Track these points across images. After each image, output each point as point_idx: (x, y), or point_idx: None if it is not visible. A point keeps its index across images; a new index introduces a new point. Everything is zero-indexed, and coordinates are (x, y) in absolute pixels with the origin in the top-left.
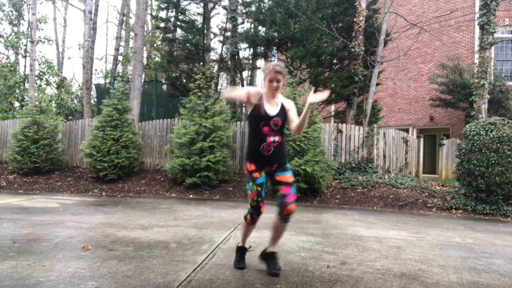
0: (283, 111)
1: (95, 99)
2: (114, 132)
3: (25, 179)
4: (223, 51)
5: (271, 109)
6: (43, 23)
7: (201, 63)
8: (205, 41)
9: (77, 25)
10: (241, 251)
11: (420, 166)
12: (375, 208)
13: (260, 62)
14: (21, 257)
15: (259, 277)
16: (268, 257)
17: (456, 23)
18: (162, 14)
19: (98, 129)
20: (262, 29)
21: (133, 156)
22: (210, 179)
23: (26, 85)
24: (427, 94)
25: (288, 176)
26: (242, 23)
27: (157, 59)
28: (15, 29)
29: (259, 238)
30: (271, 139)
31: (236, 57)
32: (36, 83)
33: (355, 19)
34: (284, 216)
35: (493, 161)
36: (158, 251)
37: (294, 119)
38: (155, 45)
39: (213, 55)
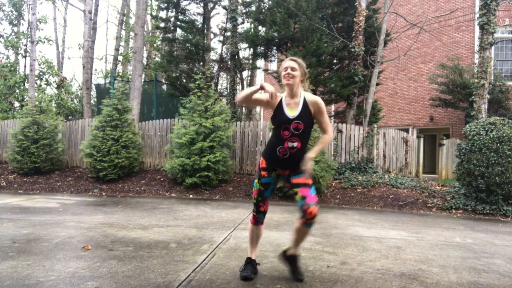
0: (306, 111)
1: (95, 99)
2: (114, 132)
3: (25, 179)
4: (223, 51)
5: (291, 112)
6: (43, 23)
7: (201, 63)
8: (205, 41)
9: (77, 25)
10: (247, 260)
11: (420, 166)
12: (375, 208)
13: (260, 62)
14: (21, 257)
15: (259, 277)
16: (289, 259)
17: (456, 23)
18: (162, 14)
19: (98, 129)
20: (262, 29)
21: (133, 156)
22: (210, 179)
23: (26, 85)
24: (427, 94)
25: (303, 178)
26: (242, 23)
27: (157, 59)
28: (15, 29)
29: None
30: (290, 144)
31: (236, 57)
32: (36, 83)
33: (355, 19)
34: (307, 221)
35: (493, 161)
36: (158, 251)
37: (322, 127)
38: (155, 45)
39: (213, 55)
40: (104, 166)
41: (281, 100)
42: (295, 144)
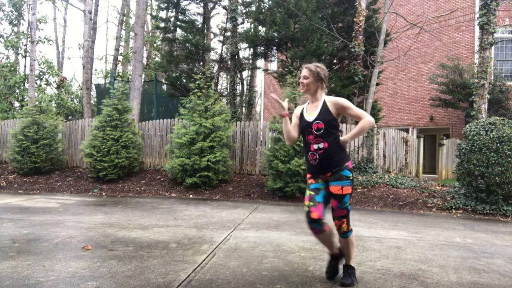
0: (325, 112)
1: (95, 99)
2: (114, 132)
3: (25, 179)
4: (223, 51)
5: (310, 115)
6: (43, 23)
7: (201, 63)
8: (205, 41)
9: (77, 25)
10: (330, 257)
11: (420, 166)
12: (375, 208)
13: (260, 62)
14: (21, 257)
15: (259, 277)
16: (343, 269)
17: (456, 23)
18: (162, 14)
19: (98, 129)
20: (262, 29)
21: (133, 156)
22: (210, 179)
23: (26, 85)
24: (427, 94)
25: (337, 188)
26: (242, 23)
27: (157, 59)
28: (15, 29)
29: (259, 238)
30: (315, 146)
31: (236, 57)
32: (36, 83)
33: (355, 19)
34: (337, 231)
35: (493, 161)
36: (158, 251)
37: (356, 118)
38: (155, 45)
39: (213, 55)
40: (104, 166)
41: (302, 110)
42: (321, 145)
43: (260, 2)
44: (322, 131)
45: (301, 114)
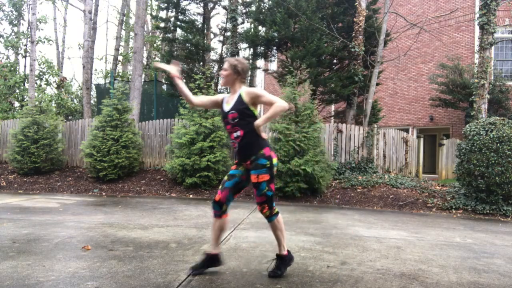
0: (239, 102)
1: (95, 99)
2: (114, 132)
3: (25, 179)
4: (223, 51)
5: (227, 105)
6: (43, 23)
7: (201, 63)
8: (205, 41)
9: (77, 25)
10: (206, 255)
11: (420, 166)
12: (375, 208)
13: (260, 62)
14: (21, 257)
15: (259, 277)
16: (276, 259)
17: (456, 23)
18: (162, 14)
19: (98, 129)
20: (262, 29)
21: (133, 156)
22: (210, 179)
23: (26, 85)
24: (427, 94)
25: (254, 176)
26: (242, 23)
27: (157, 59)
28: (15, 29)
29: (259, 238)
30: (234, 135)
31: (236, 57)
32: (36, 83)
33: (355, 19)
34: (263, 215)
35: (493, 161)
36: (158, 251)
37: (268, 105)
38: (155, 45)
39: (213, 55)
40: (104, 166)
41: (222, 100)
42: (238, 133)
43: (260, 2)
44: (237, 120)
45: (222, 105)
